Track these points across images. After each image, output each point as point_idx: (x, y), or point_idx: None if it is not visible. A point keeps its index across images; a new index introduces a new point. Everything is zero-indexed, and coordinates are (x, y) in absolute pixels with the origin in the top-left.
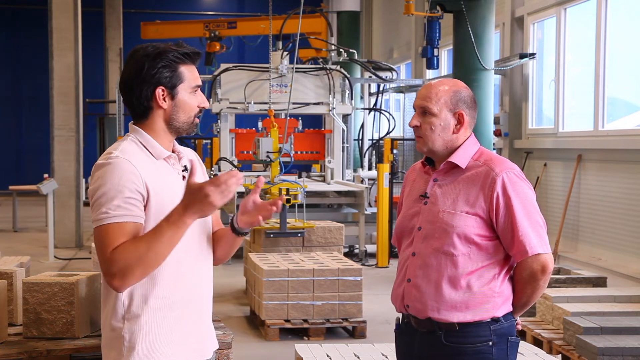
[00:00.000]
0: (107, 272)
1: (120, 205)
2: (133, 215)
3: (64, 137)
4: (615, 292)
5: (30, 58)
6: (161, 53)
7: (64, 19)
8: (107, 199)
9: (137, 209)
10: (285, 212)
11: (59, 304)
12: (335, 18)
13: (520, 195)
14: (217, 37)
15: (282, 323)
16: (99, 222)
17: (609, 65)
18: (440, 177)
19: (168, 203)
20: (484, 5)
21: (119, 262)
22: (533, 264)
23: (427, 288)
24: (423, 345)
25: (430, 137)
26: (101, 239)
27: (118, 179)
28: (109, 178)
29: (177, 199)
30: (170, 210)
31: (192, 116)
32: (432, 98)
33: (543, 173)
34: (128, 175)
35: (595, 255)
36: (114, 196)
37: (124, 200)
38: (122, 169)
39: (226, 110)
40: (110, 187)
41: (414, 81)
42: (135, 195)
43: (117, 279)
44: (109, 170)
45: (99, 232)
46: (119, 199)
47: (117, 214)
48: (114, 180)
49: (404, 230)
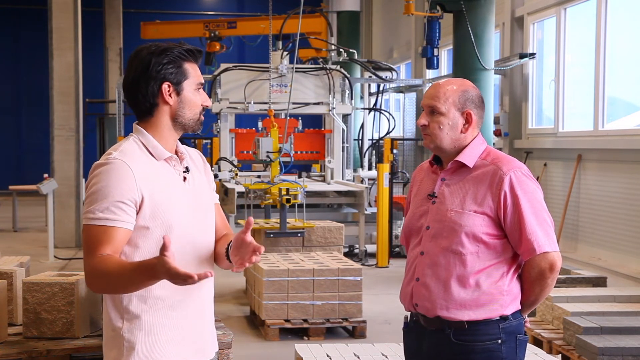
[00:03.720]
0: (86, 272)
1: (109, 209)
2: (120, 220)
3: (64, 137)
4: (615, 292)
5: (30, 58)
6: (166, 50)
7: (64, 18)
8: (96, 200)
9: (124, 214)
10: (285, 212)
11: (59, 304)
12: (335, 18)
13: (527, 193)
14: (217, 37)
15: (282, 323)
16: (85, 220)
17: (609, 65)
18: (448, 176)
19: (165, 205)
20: (484, 5)
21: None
22: (541, 262)
23: (436, 287)
24: (432, 343)
25: (438, 136)
26: (85, 237)
27: (112, 182)
28: (103, 179)
29: (174, 201)
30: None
31: (197, 113)
32: (440, 97)
33: (543, 173)
34: (122, 178)
35: (595, 255)
36: (103, 198)
37: (113, 203)
38: (118, 171)
39: (226, 110)
40: (102, 188)
41: (414, 81)
42: (125, 200)
43: (88, 279)
44: (105, 171)
45: (84, 231)
46: (108, 201)
47: (104, 216)
48: (107, 182)
49: (412, 229)
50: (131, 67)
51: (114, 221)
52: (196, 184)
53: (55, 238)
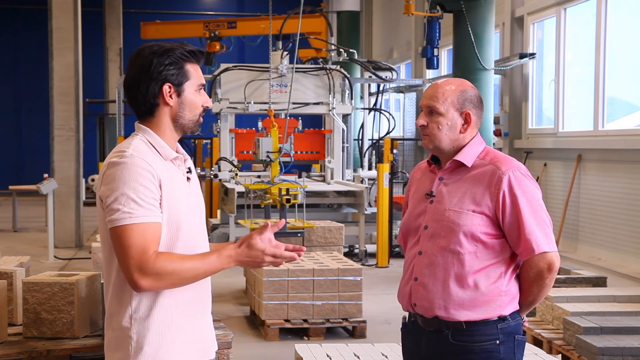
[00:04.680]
0: (141, 269)
1: (142, 206)
2: (155, 215)
3: (64, 137)
4: (615, 292)
5: (30, 58)
6: (168, 50)
7: (63, 18)
8: (127, 199)
9: (156, 209)
10: (285, 212)
11: (59, 304)
12: (335, 18)
13: (526, 193)
14: (217, 37)
15: (282, 323)
16: (120, 221)
17: (609, 65)
18: (446, 175)
19: (174, 203)
20: (484, 5)
21: (161, 266)
22: (539, 262)
23: (434, 287)
24: (430, 344)
25: (437, 136)
26: (126, 238)
27: (136, 178)
28: (128, 177)
29: (182, 200)
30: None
31: (198, 114)
32: (439, 98)
33: (543, 173)
34: (145, 174)
35: (595, 255)
36: (134, 196)
37: (144, 200)
38: (140, 167)
39: (226, 110)
40: (129, 186)
41: (414, 81)
42: (153, 195)
43: (151, 279)
44: (126, 168)
45: (122, 232)
46: (140, 198)
47: (140, 214)
48: (132, 179)
49: (409, 229)
50: (133, 66)
51: (150, 217)
52: (196, 185)
53: (55, 238)
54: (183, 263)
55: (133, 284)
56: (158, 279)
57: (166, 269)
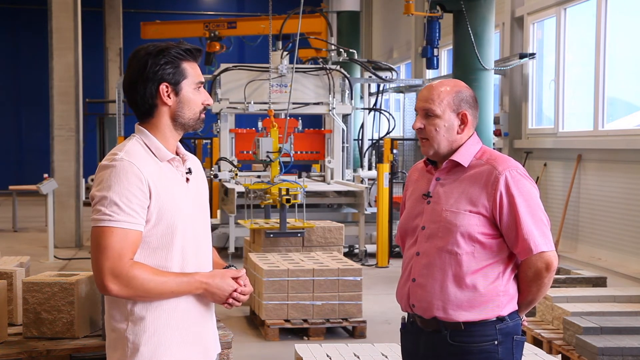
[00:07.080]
0: (114, 274)
1: (125, 211)
2: (136, 223)
3: (64, 137)
4: (615, 292)
5: (30, 58)
6: (163, 50)
7: (63, 19)
8: (110, 202)
9: (139, 217)
10: (285, 212)
11: (59, 304)
12: (335, 18)
13: (523, 193)
14: (217, 37)
15: (282, 323)
16: (100, 222)
17: (609, 65)
18: (442, 176)
19: (169, 205)
20: (484, 5)
21: (133, 275)
22: (537, 262)
23: (432, 287)
24: (429, 344)
25: (435, 139)
26: (102, 240)
27: (123, 183)
28: (115, 181)
29: (178, 201)
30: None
31: (198, 112)
32: (434, 100)
33: (543, 173)
34: (133, 179)
35: (595, 255)
36: (118, 200)
37: (128, 206)
38: (128, 172)
39: (226, 110)
40: (115, 190)
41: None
42: (138, 201)
43: (121, 286)
44: (114, 172)
45: (101, 233)
46: (123, 203)
47: (121, 219)
48: (119, 183)
49: (407, 229)
50: (130, 68)
51: (131, 224)
52: (198, 185)
53: (55, 238)
54: (155, 277)
55: (101, 286)
56: (127, 286)
57: (137, 279)
